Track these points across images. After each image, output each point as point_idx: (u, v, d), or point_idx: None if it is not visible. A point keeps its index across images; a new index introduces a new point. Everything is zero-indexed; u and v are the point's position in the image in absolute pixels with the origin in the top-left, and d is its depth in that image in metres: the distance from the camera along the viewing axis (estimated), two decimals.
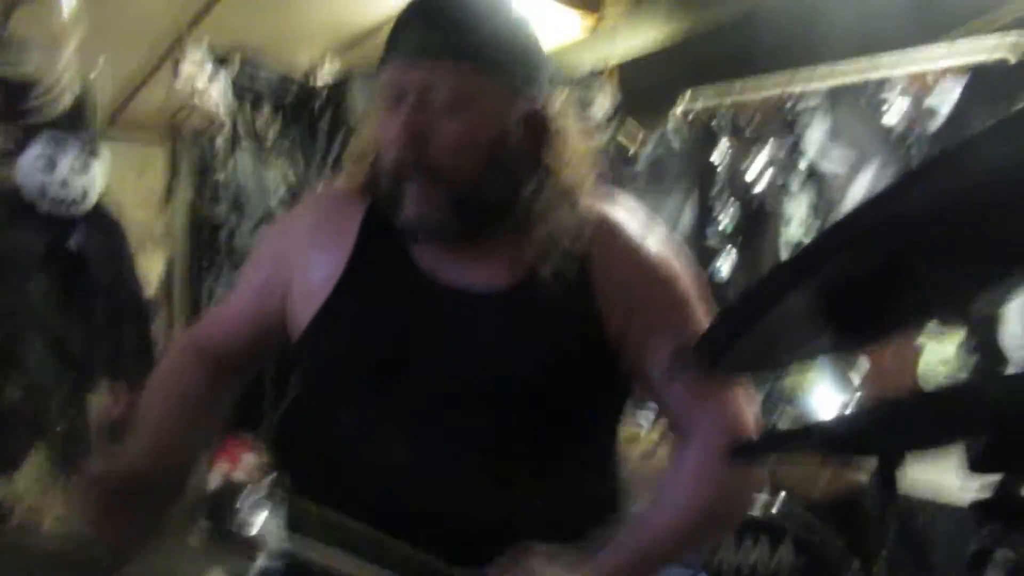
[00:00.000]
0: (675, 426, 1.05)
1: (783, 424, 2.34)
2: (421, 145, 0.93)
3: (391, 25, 0.99)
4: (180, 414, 1.07)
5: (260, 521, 2.08)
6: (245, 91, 3.08)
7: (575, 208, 1.01)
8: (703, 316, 1.02)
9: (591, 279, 1.00)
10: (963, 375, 2.26)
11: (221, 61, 2.99)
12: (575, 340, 0.99)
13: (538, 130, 1.00)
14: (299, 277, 1.06)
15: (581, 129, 1.06)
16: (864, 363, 2.36)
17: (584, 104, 3.14)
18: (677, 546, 0.98)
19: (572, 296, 0.99)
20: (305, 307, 1.03)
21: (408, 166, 0.94)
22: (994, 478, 0.69)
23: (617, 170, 3.22)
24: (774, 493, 2.12)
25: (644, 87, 3.32)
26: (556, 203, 1.00)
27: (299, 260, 1.07)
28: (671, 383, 1.00)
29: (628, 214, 1.07)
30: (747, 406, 1.03)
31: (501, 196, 0.98)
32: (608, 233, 1.03)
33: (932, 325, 2.31)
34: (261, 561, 1.04)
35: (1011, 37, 2.47)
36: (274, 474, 2.34)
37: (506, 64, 0.96)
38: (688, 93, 3.15)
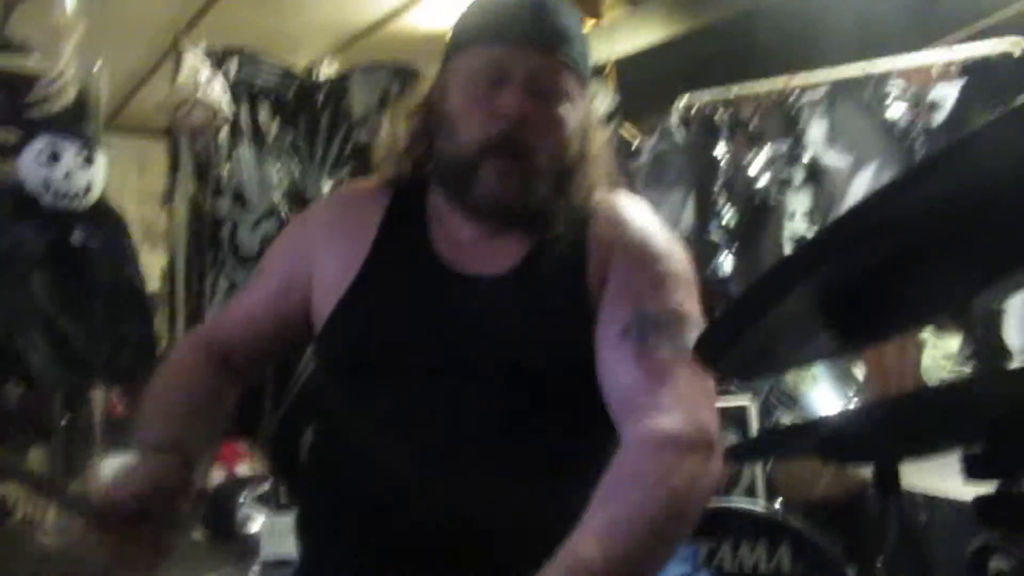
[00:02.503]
0: (620, 407, 0.96)
1: (783, 426, 2.34)
2: (523, 125, 0.98)
3: (490, 5, 1.04)
4: (187, 412, 1.07)
5: (259, 522, 2.08)
6: (245, 88, 3.07)
7: (589, 194, 1.06)
8: (684, 299, 1.00)
9: (586, 256, 1.03)
10: (963, 375, 2.25)
11: (222, 58, 2.99)
12: (574, 319, 1.00)
13: (586, 123, 1.06)
14: (320, 271, 1.07)
15: (600, 119, 1.10)
16: (864, 365, 2.36)
17: None
18: (632, 561, 0.82)
19: (568, 273, 1.02)
20: (327, 299, 1.05)
21: (504, 143, 0.98)
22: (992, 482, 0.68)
23: (619, 166, 3.21)
24: (773, 494, 2.12)
25: (643, 86, 3.32)
26: (574, 191, 1.04)
27: (320, 255, 1.08)
28: (620, 348, 0.95)
29: (631, 203, 1.10)
30: (706, 396, 0.96)
31: (557, 183, 1.03)
32: (607, 213, 1.07)
33: (933, 325, 2.30)
34: (258, 568, 1.04)
35: (1011, 38, 2.46)
36: (271, 481, 2.34)
37: (584, 62, 1.05)
38: (687, 96, 3.15)
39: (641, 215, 1.08)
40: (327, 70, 3.30)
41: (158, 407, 1.07)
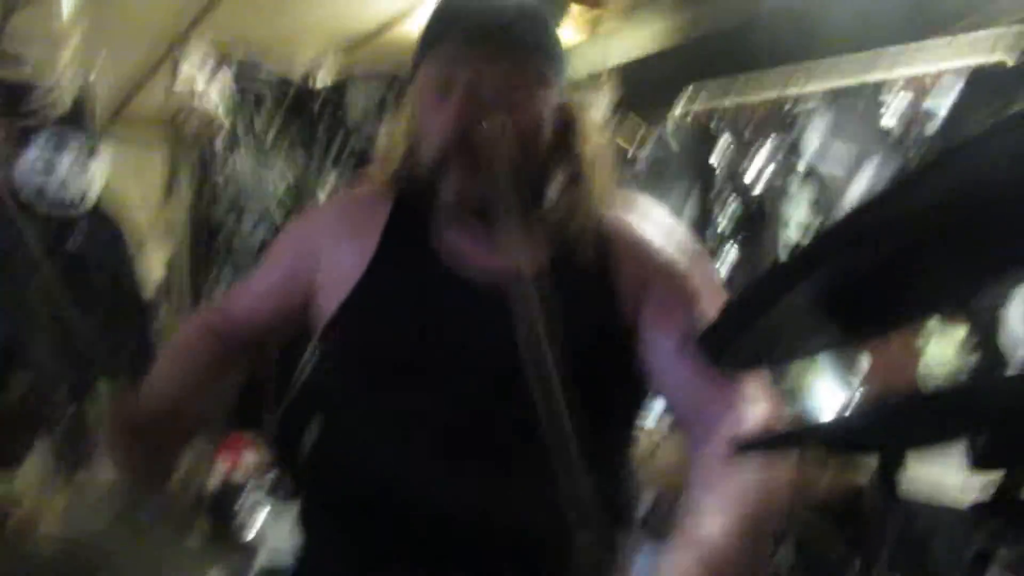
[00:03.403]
0: (685, 416, 1.00)
1: (783, 423, 2.33)
2: (478, 127, 0.96)
3: (440, 12, 1.04)
4: (187, 383, 1.09)
5: (260, 521, 2.08)
6: (244, 92, 3.08)
7: (598, 200, 1.05)
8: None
9: (610, 268, 1.02)
10: (964, 374, 2.26)
11: (220, 62, 3.00)
12: (593, 329, 1.00)
13: (567, 121, 1.05)
14: (325, 269, 1.08)
15: (600, 125, 1.09)
16: (865, 361, 2.36)
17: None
18: (749, 551, 0.85)
19: (591, 285, 1.01)
20: (331, 298, 1.05)
21: (456, 149, 0.97)
22: (995, 477, 0.68)
23: (618, 171, 3.21)
24: None
25: (644, 87, 3.33)
26: (580, 194, 1.04)
27: (325, 253, 1.09)
28: (679, 368, 0.97)
29: (650, 210, 1.10)
30: (768, 391, 0.99)
31: (534, 182, 1.02)
32: (629, 225, 1.06)
33: (933, 323, 2.31)
34: (261, 561, 1.04)
35: (1010, 33, 2.47)
36: (274, 473, 2.34)
37: (547, 56, 1.02)
38: (688, 90, 3.15)
39: (665, 227, 1.08)
40: (325, 76, 3.31)
41: (156, 378, 1.10)
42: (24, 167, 2.50)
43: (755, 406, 0.95)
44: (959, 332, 2.31)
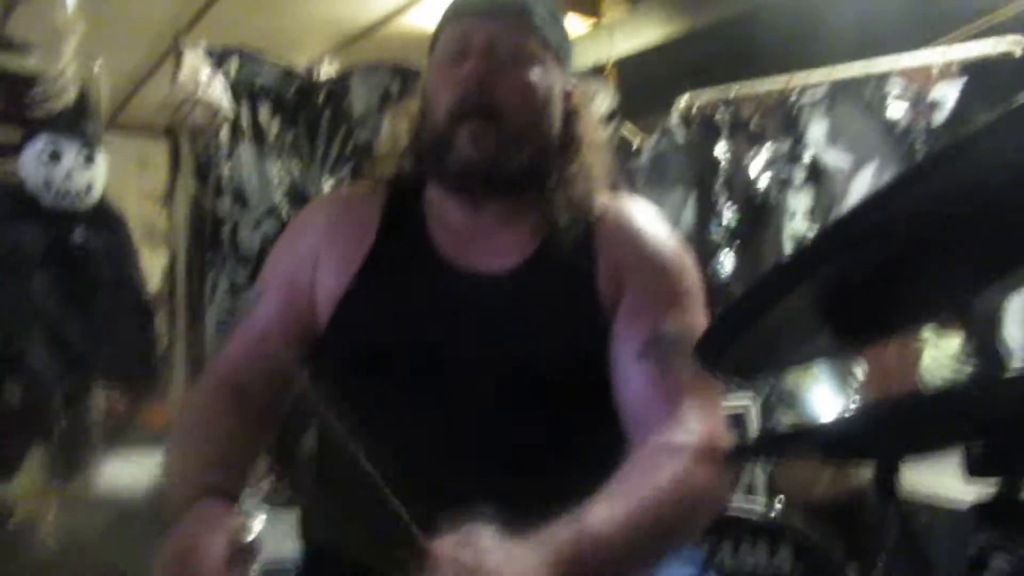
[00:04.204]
0: (631, 419, 0.99)
1: (783, 426, 2.34)
2: (486, 88, 1.00)
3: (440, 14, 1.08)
4: (215, 459, 1.00)
5: (259, 523, 2.07)
6: (246, 88, 3.07)
7: (590, 191, 1.06)
8: (698, 316, 1.03)
9: (592, 258, 1.03)
10: (963, 377, 2.25)
11: (222, 58, 2.99)
12: (578, 318, 1.01)
13: (571, 108, 1.08)
14: (321, 274, 1.07)
15: (600, 117, 1.10)
16: (864, 365, 2.36)
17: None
18: (635, 546, 0.85)
19: (573, 273, 1.02)
20: (328, 300, 1.05)
21: (470, 107, 1.00)
22: (993, 482, 0.68)
23: (619, 166, 3.21)
24: (773, 495, 2.11)
25: (644, 85, 3.32)
26: (574, 184, 1.05)
27: (320, 258, 1.08)
28: (636, 371, 0.98)
29: (639, 207, 1.11)
30: (718, 411, 1.01)
31: (538, 158, 1.04)
32: (617, 219, 1.07)
33: (931, 328, 2.30)
34: (261, 563, 1.04)
35: (1011, 37, 2.46)
36: (271, 478, 2.33)
37: (556, 38, 1.06)
38: (687, 95, 3.15)
39: (651, 224, 1.08)
40: (327, 70, 3.30)
41: (185, 458, 1.01)
42: (28, 162, 2.50)
43: (699, 422, 0.95)
44: (956, 337, 2.30)
